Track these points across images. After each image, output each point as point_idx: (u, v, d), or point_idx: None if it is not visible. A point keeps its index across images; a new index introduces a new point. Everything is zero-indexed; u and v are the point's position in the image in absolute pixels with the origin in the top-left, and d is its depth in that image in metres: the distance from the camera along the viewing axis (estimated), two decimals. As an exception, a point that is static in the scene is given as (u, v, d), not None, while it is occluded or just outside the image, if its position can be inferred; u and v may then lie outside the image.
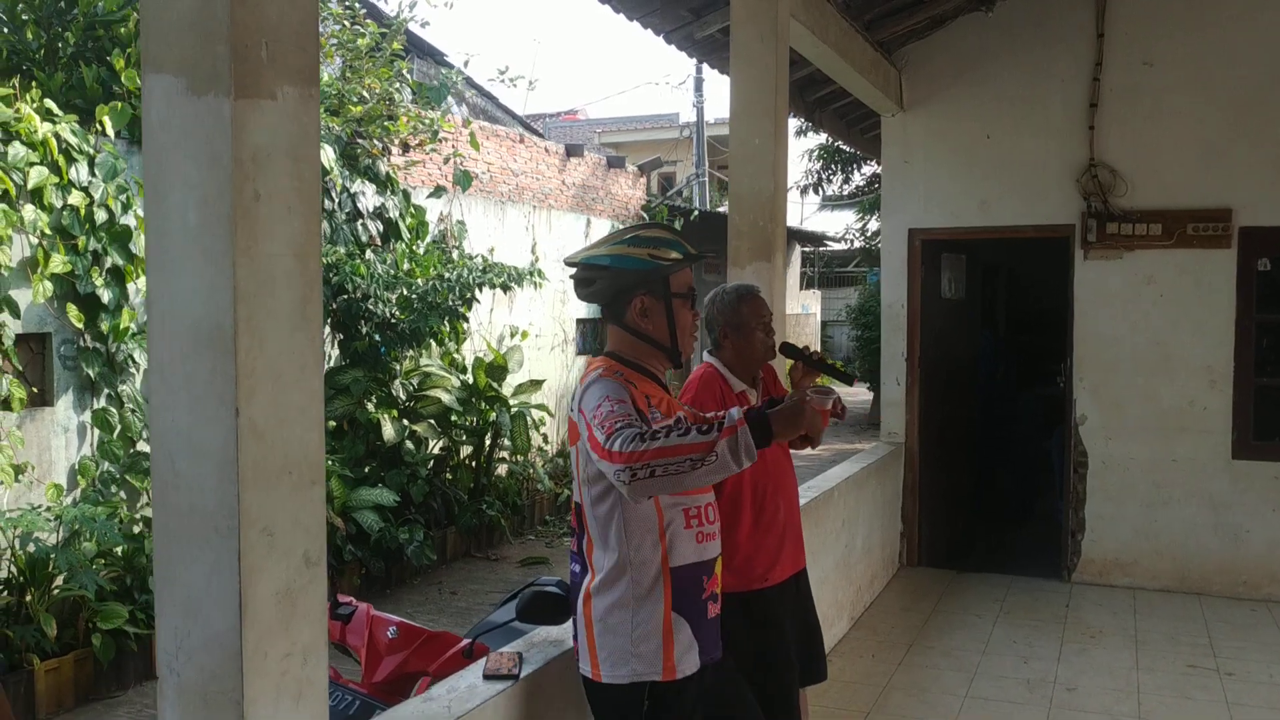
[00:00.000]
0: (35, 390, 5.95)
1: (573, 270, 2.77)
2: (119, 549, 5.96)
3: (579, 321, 12.17)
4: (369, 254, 8.33)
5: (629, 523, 2.51)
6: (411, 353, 8.53)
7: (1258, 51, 6.56)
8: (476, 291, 8.23)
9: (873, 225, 21.34)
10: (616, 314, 2.68)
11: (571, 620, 2.66)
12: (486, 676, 2.70)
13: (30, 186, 5.67)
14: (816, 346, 24.44)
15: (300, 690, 1.95)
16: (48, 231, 5.78)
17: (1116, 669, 5.38)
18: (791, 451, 3.90)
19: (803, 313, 24.27)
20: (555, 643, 2.99)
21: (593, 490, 2.52)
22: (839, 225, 24.29)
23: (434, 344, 8.83)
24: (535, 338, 10.96)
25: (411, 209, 8.81)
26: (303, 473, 1.94)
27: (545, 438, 10.61)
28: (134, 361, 6.41)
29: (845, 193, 21.33)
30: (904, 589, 6.96)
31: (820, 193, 21.04)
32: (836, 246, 25.60)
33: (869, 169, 19.34)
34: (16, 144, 5.59)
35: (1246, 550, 6.63)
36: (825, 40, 5.45)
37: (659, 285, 2.63)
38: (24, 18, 6.69)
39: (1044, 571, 7.17)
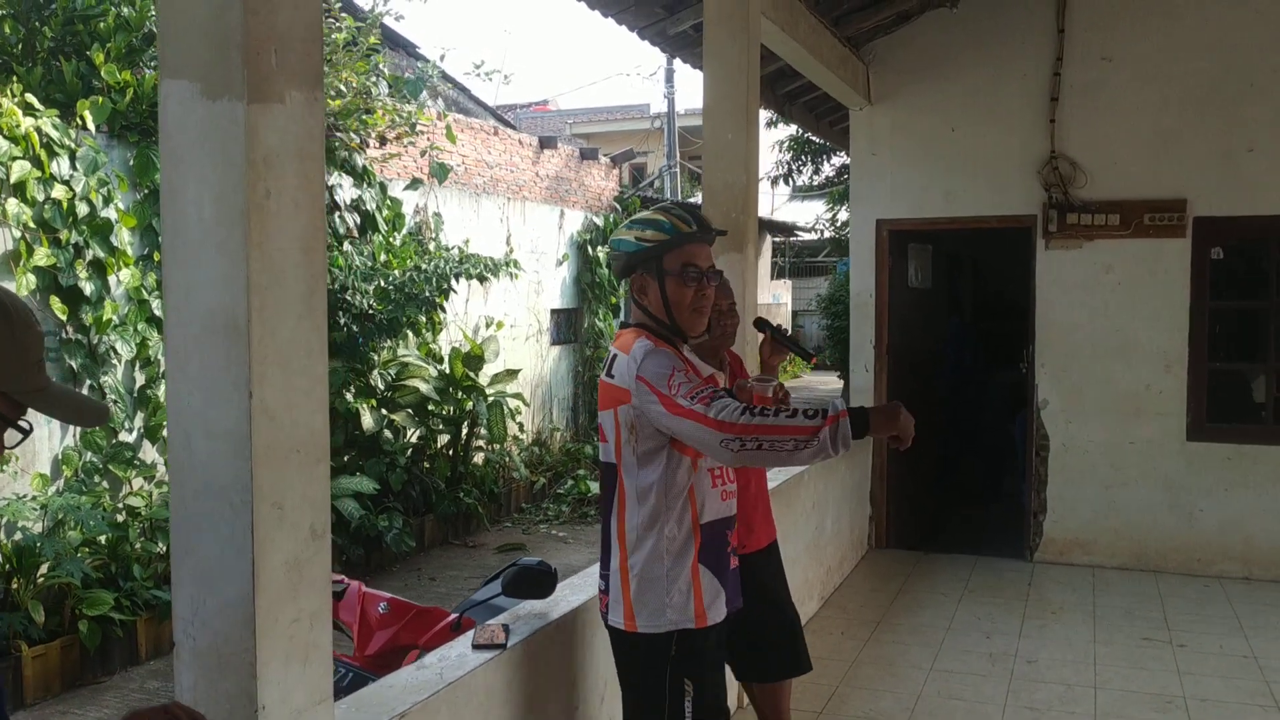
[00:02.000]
0: None
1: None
2: (103, 538, 6.06)
3: (553, 312, 12.31)
4: (346, 246, 8.43)
5: (668, 483, 2.68)
6: (389, 343, 8.65)
7: (1211, 47, 6.78)
8: (453, 282, 8.35)
9: (842, 215, 21.54)
10: (630, 291, 2.87)
11: (602, 574, 2.81)
12: (475, 646, 2.86)
13: (13, 180, 5.74)
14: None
15: (307, 654, 2.10)
16: (31, 225, 5.86)
17: (1075, 642, 5.60)
18: None
19: (774, 302, 24.51)
20: (539, 615, 3.15)
21: (640, 451, 2.66)
22: (809, 215, 24.40)
23: (411, 334, 8.94)
24: (510, 328, 11.08)
25: (388, 201, 8.91)
26: (309, 451, 2.08)
27: (521, 426, 10.75)
28: (115, 353, 6.49)
29: (815, 183, 21.54)
30: (872, 570, 7.16)
31: (791, 183, 21.22)
32: (807, 236, 25.84)
33: (839, 160, 19.51)
34: (0, 139, 5.66)
35: (1200, 529, 6.88)
36: (795, 37, 5.61)
37: (651, 264, 2.78)
38: (1, 12, 6.73)
39: (1008, 551, 7.40)
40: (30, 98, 6.01)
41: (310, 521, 2.09)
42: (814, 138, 17.81)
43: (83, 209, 6.17)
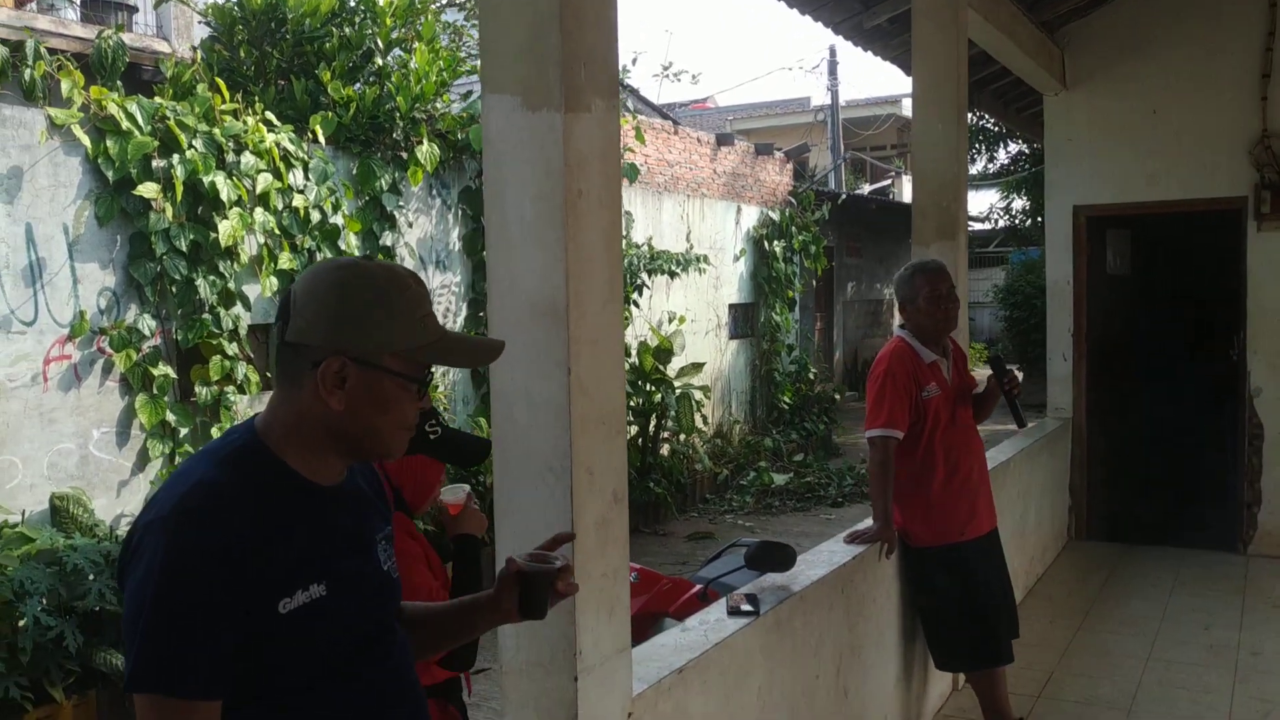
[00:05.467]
0: (268, 375, 6.58)
1: None
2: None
3: (731, 306, 12.48)
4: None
5: None
6: (582, 338, 8.98)
7: None
8: (646, 278, 8.62)
9: (1018, 204, 20.98)
10: None
11: None
12: (730, 613, 3.05)
13: (258, 192, 6.28)
14: (964, 326, 23.96)
15: (612, 606, 2.33)
16: (275, 232, 6.39)
17: (1302, 636, 5.43)
18: None
19: (945, 294, 23.94)
20: (782, 587, 3.32)
21: None
22: (982, 205, 23.82)
23: (602, 329, 9.26)
24: (691, 322, 11.30)
25: (579, 201, 9.26)
26: (612, 423, 2.31)
27: (705, 419, 10.96)
28: (344, 348, 6.99)
29: (990, 172, 21.01)
30: (1074, 561, 7.06)
31: (962, 173, 20.73)
32: (979, 226, 25.22)
33: (1015, 147, 19.05)
34: (247, 154, 6.20)
35: None
36: (996, 25, 5.62)
37: None
38: (239, 39, 7.34)
39: (1218, 544, 7.16)
40: (270, 115, 6.55)
41: (613, 486, 2.31)
42: (989, 125, 17.46)
43: (315, 216, 6.68)
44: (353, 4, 7.40)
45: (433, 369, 1.63)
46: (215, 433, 6.07)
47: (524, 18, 2.18)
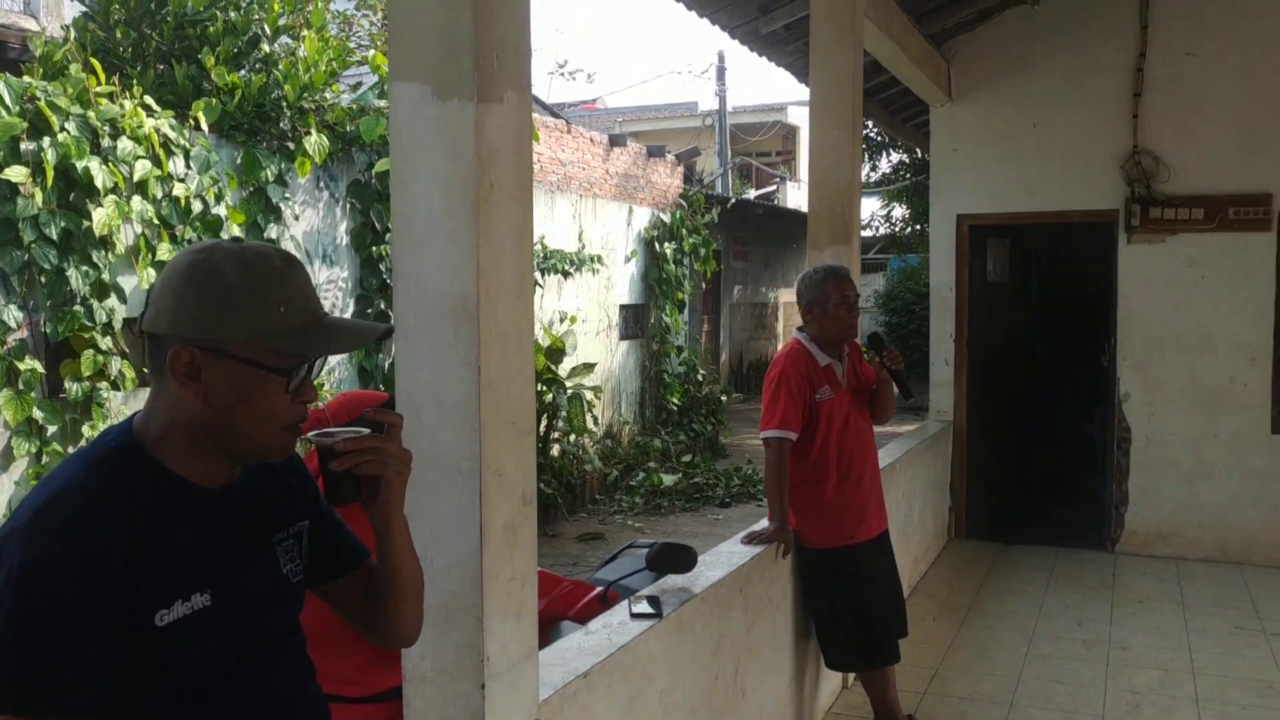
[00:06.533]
0: (145, 370, 6.29)
1: None
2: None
3: (622, 307, 12.49)
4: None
5: None
6: (473, 337, 8.86)
7: (1298, 42, 6.82)
8: (540, 277, 8.55)
9: (898, 212, 21.59)
10: None
11: None
12: (633, 615, 3.03)
13: (136, 179, 6.00)
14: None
15: (520, 610, 2.28)
16: (154, 221, 6.12)
17: (1167, 630, 5.68)
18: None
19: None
20: (683, 589, 3.31)
21: None
22: (863, 213, 24.33)
23: (492, 328, 9.16)
24: (582, 323, 11.27)
25: (470, 198, 9.13)
26: (521, 424, 2.26)
27: (595, 419, 10.93)
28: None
29: (872, 180, 21.55)
30: (954, 560, 7.26)
31: (845, 180, 21.17)
32: (862, 234, 25.82)
33: (897, 156, 19.57)
34: (124, 139, 5.92)
35: (1286, 521, 6.91)
36: (889, 35, 5.73)
37: None
38: (115, 18, 7.01)
39: (1087, 543, 7.45)
40: (149, 100, 6.28)
41: (522, 488, 2.26)
42: (872, 134, 17.89)
43: (197, 206, 6.43)
44: (238, -13, 7.15)
45: (313, 360, 1.49)
46: (86, 431, 5.79)
47: (435, 3, 2.11)
